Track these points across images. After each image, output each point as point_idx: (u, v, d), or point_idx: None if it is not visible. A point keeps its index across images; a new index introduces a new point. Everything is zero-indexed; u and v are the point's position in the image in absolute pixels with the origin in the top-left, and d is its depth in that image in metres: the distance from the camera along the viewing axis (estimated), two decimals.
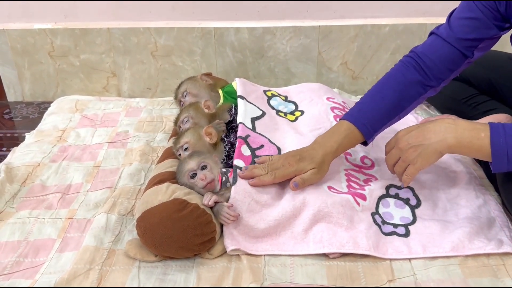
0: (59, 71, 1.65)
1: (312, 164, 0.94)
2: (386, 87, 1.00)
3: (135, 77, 1.65)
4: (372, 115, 0.98)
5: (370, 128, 0.97)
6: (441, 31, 0.98)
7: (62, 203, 1.07)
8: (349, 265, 0.87)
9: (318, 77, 1.63)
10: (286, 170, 0.95)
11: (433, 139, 0.86)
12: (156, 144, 1.30)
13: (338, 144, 0.96)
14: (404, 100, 0.99)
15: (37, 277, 0.87)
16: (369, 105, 0.99)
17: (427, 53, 0.98)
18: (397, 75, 1.00)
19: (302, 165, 0.94)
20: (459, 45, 0.95)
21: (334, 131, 0.98)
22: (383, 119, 0.99)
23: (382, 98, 0.98)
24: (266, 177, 0.95)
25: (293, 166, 0.94)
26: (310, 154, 0.96)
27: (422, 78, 0.98)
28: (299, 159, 0.95)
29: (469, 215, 0.95)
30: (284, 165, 0.95)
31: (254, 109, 1.21)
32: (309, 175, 0.94)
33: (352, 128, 0.97)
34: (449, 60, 0.97)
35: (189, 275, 0.87)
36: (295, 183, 0.93)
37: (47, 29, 1.58)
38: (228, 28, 1.56)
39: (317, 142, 0.98)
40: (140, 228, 0.88)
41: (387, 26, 1.54)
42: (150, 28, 1.56)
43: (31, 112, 1.62)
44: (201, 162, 0.97)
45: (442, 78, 0.99)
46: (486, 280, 0.83)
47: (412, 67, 0.99)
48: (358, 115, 0.98)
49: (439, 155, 0.87)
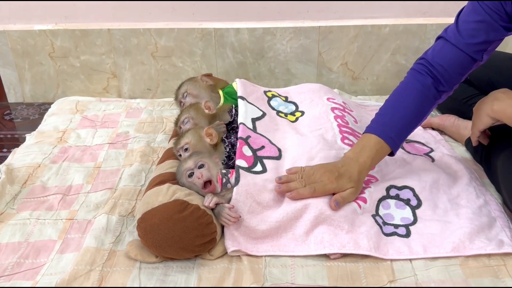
0: (60, 72, 1.65)
1: (351, 183, 0.95)
2: (405, 96, 1.01)
3: (136, 78, 1.65)
4: (398, 127, 0.99)
5: (397, 140, 0.99)
6: (450, 36, 0.99)
7: (63, 204, 1.07)
8: (350, 266, 0.87)
9: (318, 78, 1.63)
10: (327, 186, 0.95)
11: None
12: (156, 145, 1.30)
13: (371, 160, 0.98)
14: (424, 107, 1.00)
15: (38, 278, 0.87)
16: (393, 117, 1.00)
17: (437, 60, 0.99)
18: (414, 83, 1.01)
19: (341, 183, 0.95)
20: (469, 50, 0.96)
21: (365, 146, 0.99)
22: (407, 129, 1.01)
23: (404, 108, 1.00)
24: (305, 190, 0.94)
25: (333, 183, 0.95)
26: (348, 171, 0.96)
27: (435, 84, 0.99)
28: (337, 176, 0.95)
29: (470, 215, 0.95)
30: (323, 180, 0.95)
31: (254, 109, 1.21)
32: (348, 194, 0.95)
33: (381, 143, 0.98)
34: (459, 65, 0.98)
35: (190, 276, 0.87)
36: (337, 202, 0.93)
37: (47, 30, 1.58)
38: (228, 29, 1.56)
39: (350, 158, 0.99)
40: (141, 229, 0.88)
41: (387, 26, 1.54)
42: (151, 29, 1.56)
43: (31, 113, 1.62)
44: (198, 161, 0.97)
45: (454, 82, 1.00)
46: (487, 280, 0.83)
47: (425, 73, 1.00)
48: (384, 129, 0.99)
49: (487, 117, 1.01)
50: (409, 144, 1.24)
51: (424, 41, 1.56)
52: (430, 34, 1.55)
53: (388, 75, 1.63)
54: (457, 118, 1.29)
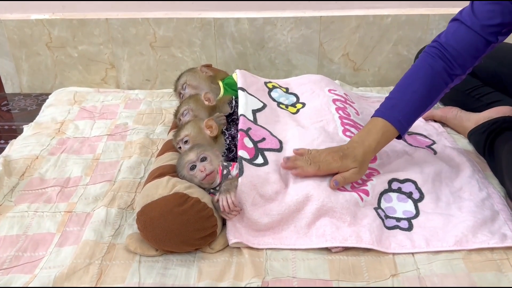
0: (57, 62, 1.63)
1: (355, 163, 0.95)
2: (415, 80, 1.00)
3: (134, 69, 1.63)
4: (405, 110, 0.99)
5: (405, 124, 0.99)
6: (465, 18, 0.97)
7: (61, 196, 1.06)
8: (352, 260, 0.86)
9: (319, 69, 1.62)
10: (331, 165, 0.95)
11: None
12: (155, 136, 1.29)
13: (377, 143, 0.97)
14: (434, 91, 1.00)
15: (36, 271, 0.86)
16: (401, 100, 0.99)
17: (451, 43, 0.98)
18: (425, 67, 1.00)
19: (346, 163, 0.95)
20: (484, 32, 0.95)
21: (371, 129, 0.99)
22: (415, 112, 1.00)
23: (413, 92, 0.99)
24: (310, 168, 0.95)
25: (337, 162, 0.95)
26: (352, 152, 0.96)
27: (448, 67, 0.98)
28: (342, 156, 0.96)
29: (473, 208, 0.94)
30: (328, 159, 0.95)
31: (255, 101, 1.20)
32: (350, 174, 0.95)
33: (388, 126, 0.98)
34: (473, 47, 0.97)
35: (190, 269, 0.86)
36: (336, 182, 0.94)
37: (44, 19, 1.56)
38: (228, 18, 1.54)
39: (355, 141, 0.99)
40: (141, 222, 0.87)
41: (389, 16, 1.52)
42: (149, 19, 1.54)
43: (29, 104, 1.60)
44: (201, 153, 0.96)
45: (467, 66, 0.99)
46: (490, 274, 0.82)
47: (438, 57, 0.99)
48: (392, 112, 0.99)
49: None
50: (411, 136, 1.23)
51: (426, 32, 1.54)
52: (433, 25, 1.53)
53: (390, 66, 1.61)
54: (459, 110, 1.28)
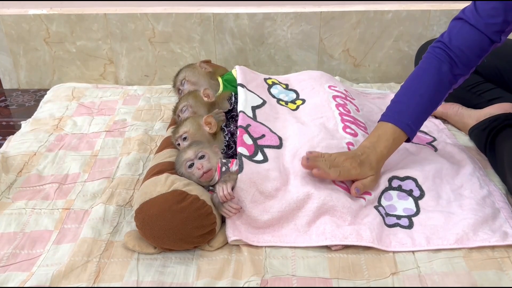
0: (55, 58, 1.62)
1: (372, 171, 0.96)
2: (421, 82, 1.00)
3: (133, 64, 1.62)
4: (414, 115, 0.99)
5: (413, 128, 0.99)
6: (468, 16, 0.97)
7: (59, 193, 1.05)
8: (352, 258, 0.86)
9: (319, 65, 1.61)
10: (351, 171, 0.94)
11: None
12: (154, 133, 1.28)
13: (388, 150, 0.98)
14: (440, 93, 1.00)
15: (34, 269, 0.85)
16: (409, 104, 0.99)
17: (455, 43, 0.98)
18: (430, 69, 1.00)
19: (364, 170, 0.95)
20: (487, 30, 0.95)
21: (381, 135, 0.98)
22: (423, 116, 1.01)
23: (420, 96, 0.99)
24: (331, 171, 0.93)
25: (356, 169, 0.94)
26: (368, 159, 0.96)
27: (452, 68, 0.98)
28: (360, 163, 0.95)
29: (474, 206, 0.93)
30: (346, 165, 0.94)
31: (254, 97, 1.19)
32: (369, 181, 0.96)
33: (398, 132, 0.98)
34: (477, 47, 0.97)
35: (189, 267, 0.85)
36: (357, 189, 0.94)
37: (42, 15, 1.54)
38: (227, 14, 1.53)
39: (367, 147, 0.98)
40: (139, 219, 0.86)
41: (390, 12, 1.51)
42: (148, 14, 1.53)
43: (27, 100, 1.59)
44: (199, 151, 0.96)
45: (471, 65, 1.00)
46: (491, 272, 0.82)
47: (442, 58, 0.99)
48: (401, 117, 0.98)
49: None
50: None
51: (427, 28, 1.53)
52: (434, 21, 1.52)
53: (391, 62, 1.60)
54: (460, 107, 1.27)
